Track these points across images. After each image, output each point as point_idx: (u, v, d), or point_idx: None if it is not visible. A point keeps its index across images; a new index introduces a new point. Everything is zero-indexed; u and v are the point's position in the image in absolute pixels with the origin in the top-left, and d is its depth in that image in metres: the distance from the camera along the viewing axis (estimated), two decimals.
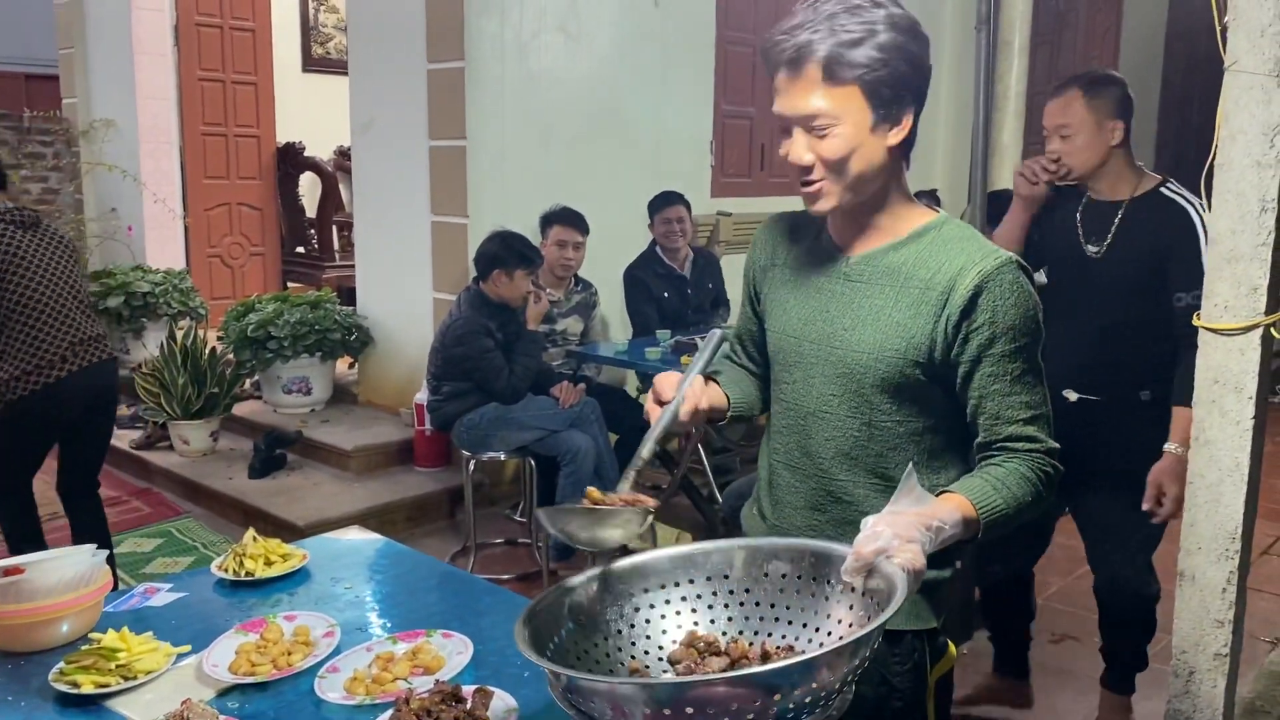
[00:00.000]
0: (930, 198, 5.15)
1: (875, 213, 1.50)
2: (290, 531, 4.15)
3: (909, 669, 1.52)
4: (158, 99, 6.87)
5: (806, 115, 1.40)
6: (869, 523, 1.21)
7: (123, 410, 5.62)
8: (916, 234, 1.50)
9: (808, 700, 1.05)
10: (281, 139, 7.65)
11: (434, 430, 4.48)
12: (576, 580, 1.31)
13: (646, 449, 1.41)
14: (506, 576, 3.99)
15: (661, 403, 1.47)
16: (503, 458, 4.08)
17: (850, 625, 1.23)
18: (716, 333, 1.54)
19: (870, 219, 1.51)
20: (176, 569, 4.00)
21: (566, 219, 4.32)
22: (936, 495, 1.35)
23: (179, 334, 5.13)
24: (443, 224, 4.86)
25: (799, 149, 1.43)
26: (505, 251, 3.93)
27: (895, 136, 1.43)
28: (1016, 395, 1.43)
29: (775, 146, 6.26)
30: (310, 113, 8.24)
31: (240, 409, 5.32)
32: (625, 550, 1.38)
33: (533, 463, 4.03)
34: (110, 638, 1.51)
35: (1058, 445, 1.45)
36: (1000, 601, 3.20)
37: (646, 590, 1.34)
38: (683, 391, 1.46)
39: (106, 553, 1.69)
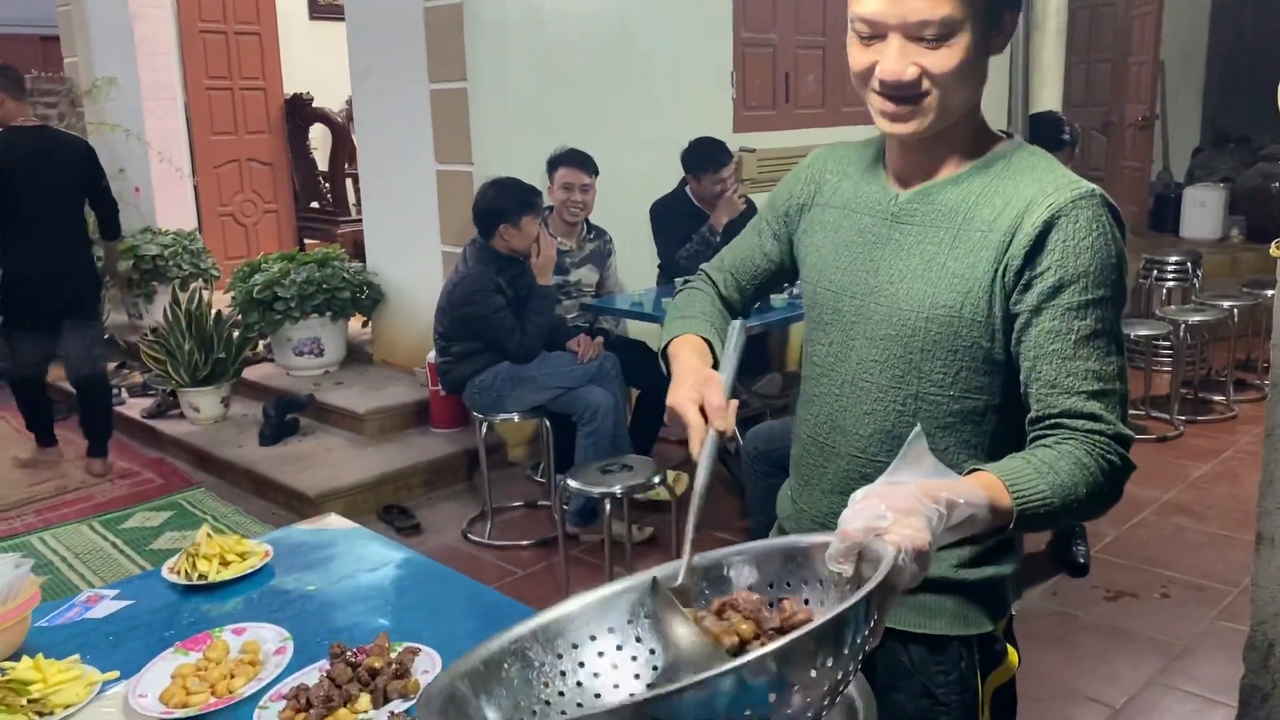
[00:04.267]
0: None
1: (944, 139, 1.23)
2: (301, 501, 4.00)
3: (954, 679, 1.29)
4: (158, 54, 6.64)
5: (922, 21, 1.11)
6: (857, 497, 0.95)
7: (135, 377, 5.50)
8: (982, 165, 1.23)
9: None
10: (289, 90, 7.41)
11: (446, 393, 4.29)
12: (468, 661, 0.99)
13: (702, 481, 1.09)
14: (525, 543, 3.81)
15: (705, 411, 1.15)
16: (516, 419, 3.88)
17: None
18: (737, 323, 1.26)
19: (936, 147, 1.24)
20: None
21: (573, 160, 4.05)
22: (964, 475, 1.08)
23: (184, 298, 4.96)
24: (447, 173, 4.61)
25: (898, 61, 1.13)
26: (506, 202, 3.68)
27: (999, 45, 1.18)
28: (1081, 361, 1.14)
29: (800, 75, 5.78)
30: (318, 62, 7.98)
31: (253, 373, 5.17)
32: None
33: (548, 423, 3.83)
34: (24, 667, 1.32)
35: (1131, 433, 1.15)
36: None
37: (576, 645, 1.03)
38: (729, 406, 1.16)
39: (31, 563, 1.49)
